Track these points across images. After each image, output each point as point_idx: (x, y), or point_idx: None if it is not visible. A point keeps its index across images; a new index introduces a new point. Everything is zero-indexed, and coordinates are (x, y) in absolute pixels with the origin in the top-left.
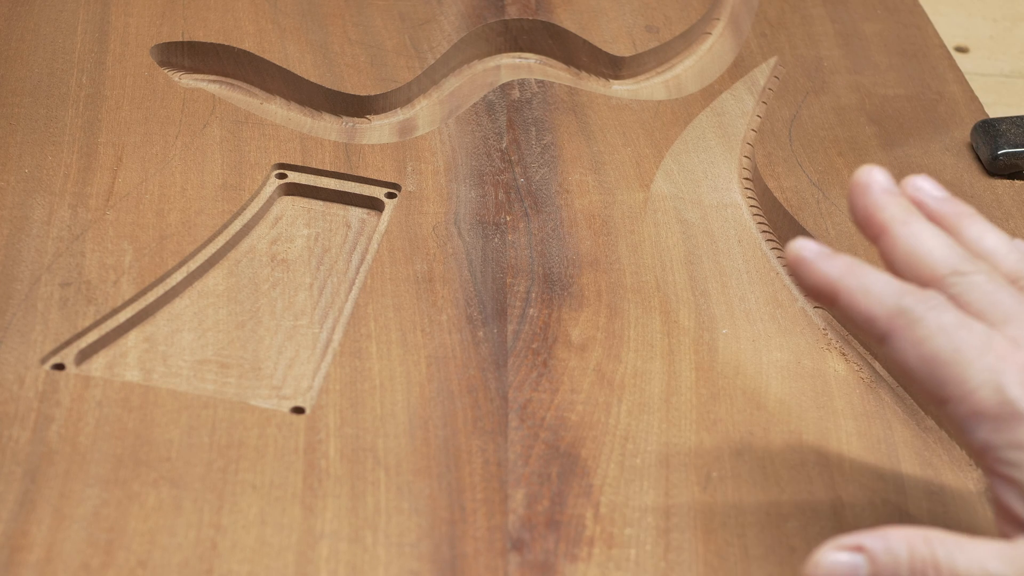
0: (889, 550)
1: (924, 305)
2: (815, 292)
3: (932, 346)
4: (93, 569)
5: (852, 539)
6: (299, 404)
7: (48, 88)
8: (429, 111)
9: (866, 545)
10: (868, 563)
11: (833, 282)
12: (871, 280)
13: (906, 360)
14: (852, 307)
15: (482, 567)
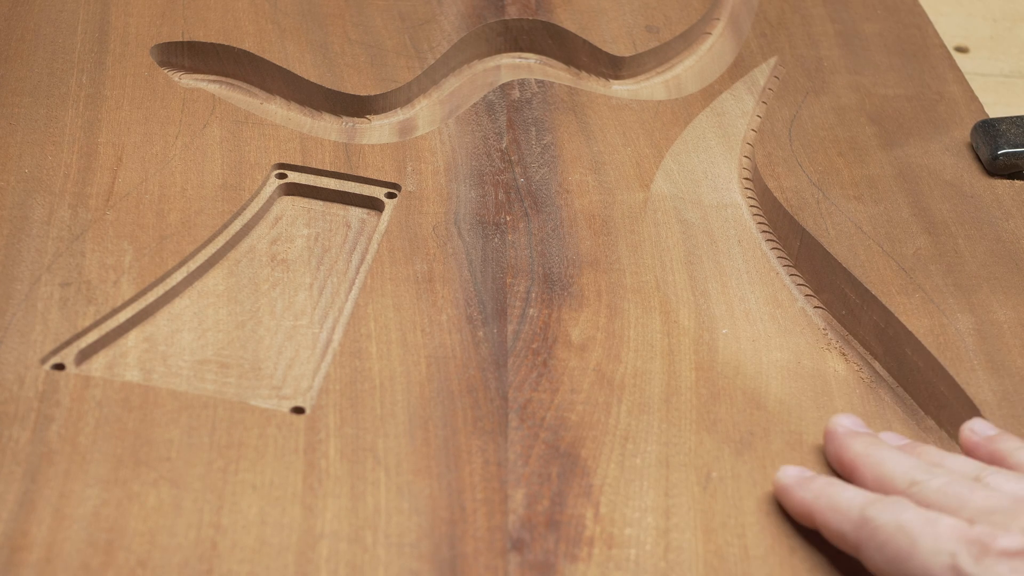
0: None
1: (884, 511)
2: (796, 515)
3: (893, 546)
4: (93, 569)
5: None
6: (299, 404)
7: (48, 88)
8: (429, 111)
9: None
10: None
11: (808, 505)
12: (839, 498)
13: (877, 567)
14: (825, 527)
15: (482, 567)
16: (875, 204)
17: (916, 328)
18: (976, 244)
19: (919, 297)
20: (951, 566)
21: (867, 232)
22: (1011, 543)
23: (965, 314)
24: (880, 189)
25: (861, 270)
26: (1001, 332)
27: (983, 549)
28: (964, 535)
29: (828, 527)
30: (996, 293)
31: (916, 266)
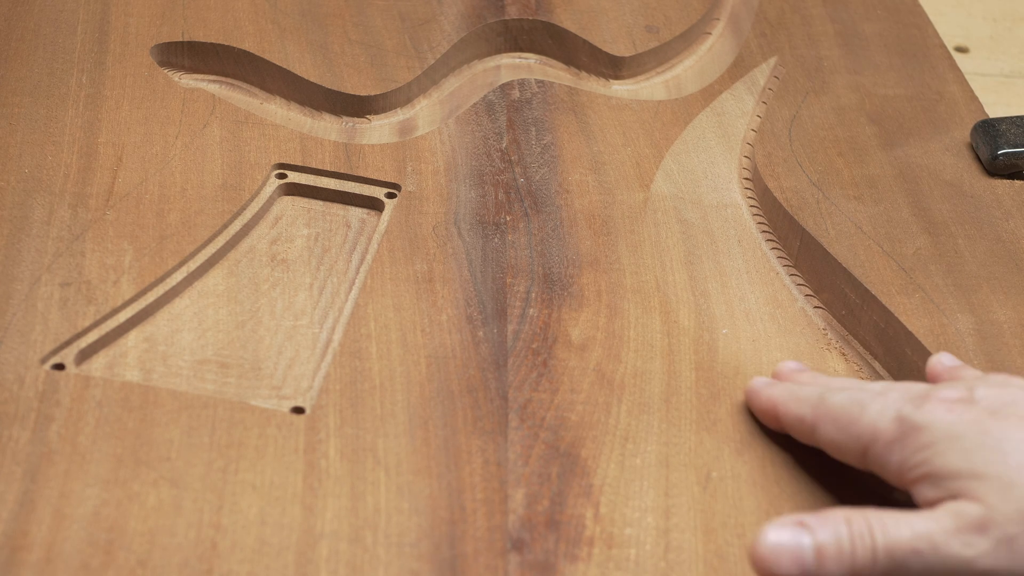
0: (828, 522)
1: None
2: (762, 412)
3: (845, 416)
4: (93, 569)
5: (793, 517)
6: (299, 404)
7: (48, 88)
8: (429, 111)
9: (808, 522)
10: (810, 535)
11: (774, 399)
12: (801, 391)
13: (831, 437)
14: (787, 415)
15: (482, 567)
16: (875, 204)
17: (916, 328)
18: (976, 244)
19: (919, 297)
20: (895, 417)
21: (867, 232)
22: (952, 394)
23: (965, 314)
24: (880, 189)
25: (861, 270)
26: (1001, 332)
27: (925, 399)
28: (908, 395)
29: (789, 414)
30: (996, 293)
31: (916, 266)
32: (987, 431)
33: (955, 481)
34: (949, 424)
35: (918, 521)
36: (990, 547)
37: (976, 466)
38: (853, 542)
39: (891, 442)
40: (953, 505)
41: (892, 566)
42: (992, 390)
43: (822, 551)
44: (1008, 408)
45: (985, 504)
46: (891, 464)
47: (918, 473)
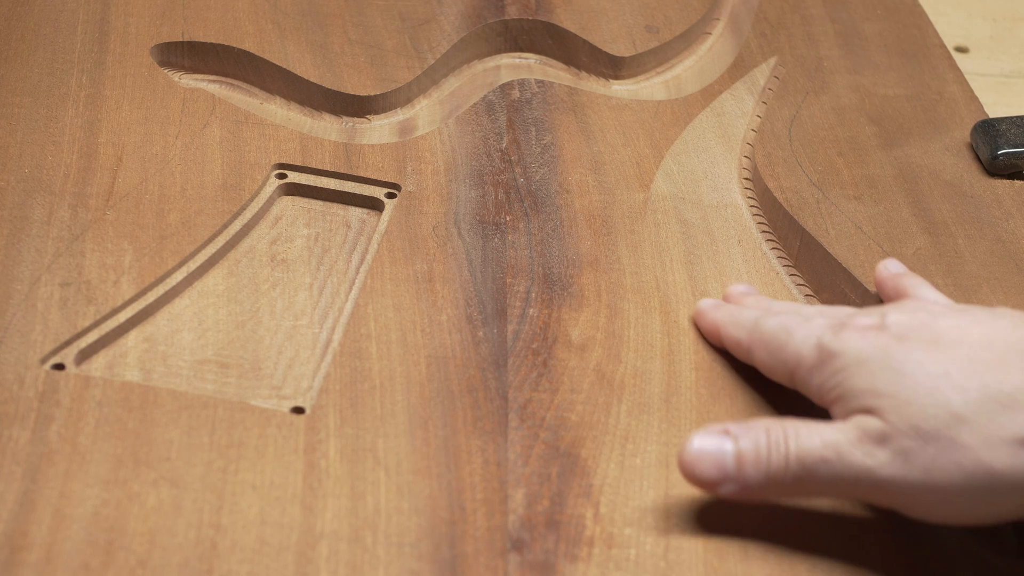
0: (750, 431)
1: (773, 318)
2: (707, 334)
3: (775, 341)
4: (93, 569)
5: (718, 425)
6: (299, 404)
7: (48, 88)
8: (429, 111)
9: (732, 430)
10: (733, 441)
11: (716, 322)
12: (740, 315)
13: (763, 360)
14: (727, 337)
15: (482, 567)
16: (875, 204)
17: None
18: (976, 244)
19: None
20: (816, 345)
21: (867, 232)
22: (866, 321)
23: None
24: (880, 189)
25: (861, 270)
26: None
27: (842, 327)
28: (830, 323)
29: (729, 337)
30: (996, 293)
31: (916, 266)
32: (891, 355)
33: (861, 399)
34: (859, 349)
35: (828, 432)
36: (888, 458)
37: (878, 386)
38: (770, 449)
39: (811, 368)
40: (859, 419)
41: (803, 472)
42: (903, 315)
43: (742, 457)
44: (914, 333)
45: (885, 420)
46: (812, 387)
47: (833, 395)
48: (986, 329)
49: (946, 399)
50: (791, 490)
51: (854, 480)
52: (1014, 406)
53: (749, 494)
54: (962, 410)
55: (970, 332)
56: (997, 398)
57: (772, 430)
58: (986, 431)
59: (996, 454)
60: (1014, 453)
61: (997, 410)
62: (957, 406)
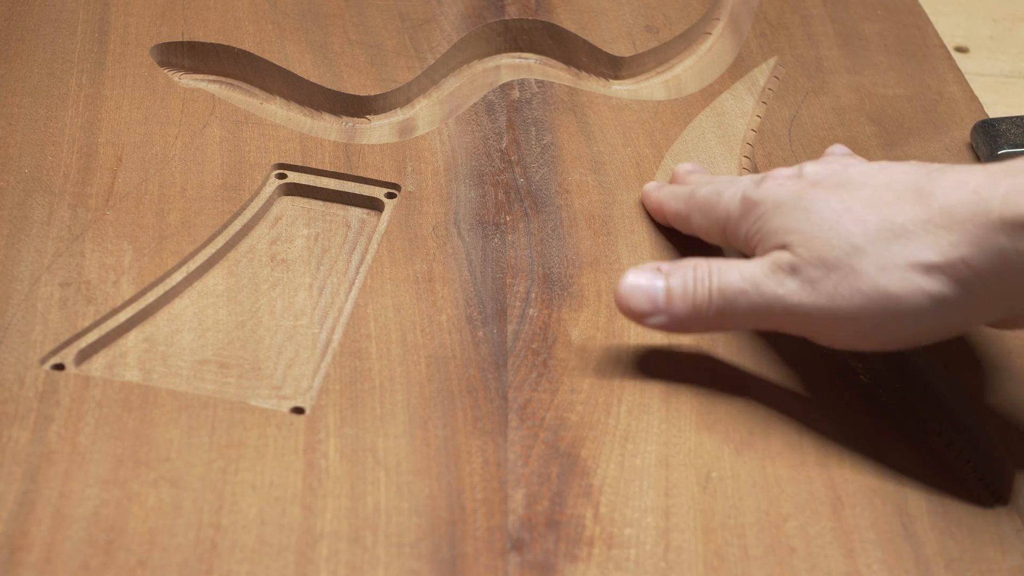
0: (679, 270)
1: (706, 185)
2: (652, 212)
3: (707, 203)
4: (93, 569)
5: (652, 264)
6: (299, 404)
7: (48, 88)
8: (429, 111)
9: (664, 268)
10: (664, 277)
11: (659, 199)
12: (679, 189)
13: (699, 223)
14: (669, 211)
15: (482, 567)
16: None
17: None
18: None
19: None
20: (741, 198)
21: None
22: (785, 172)
23: None
24: None
25: None
26: (1001, 333)
27: (763, 180)
28: (753, 179)
29: (670, 210)
30: None
31: None
32: (803, 197)
33: (776, 237)
34: (777, 196)
35: (746, 266)
36: (797, 286)
37: (789, 224)
38: (696, 284)
39: (739, 219)
40: (773, 254)
41: (724, 304)
42: (818, 167)
43: (671, 292)
44: (826, 179)
45: (795, 253)
46: (740, 237)
47: (756, 240)
48: (890, 173)
49: (847, 231)
50: (715, 322)
51: (768, 308)
52: (906, 235)
53: (677, 326)
54: (860, 241)
55: (875, 176)
56: (892, 229)
57: (699, 267)
58: (882, 259)
59: (891, 279)
60: (907, 277)
61: (891, 239)
62: (856, 237)
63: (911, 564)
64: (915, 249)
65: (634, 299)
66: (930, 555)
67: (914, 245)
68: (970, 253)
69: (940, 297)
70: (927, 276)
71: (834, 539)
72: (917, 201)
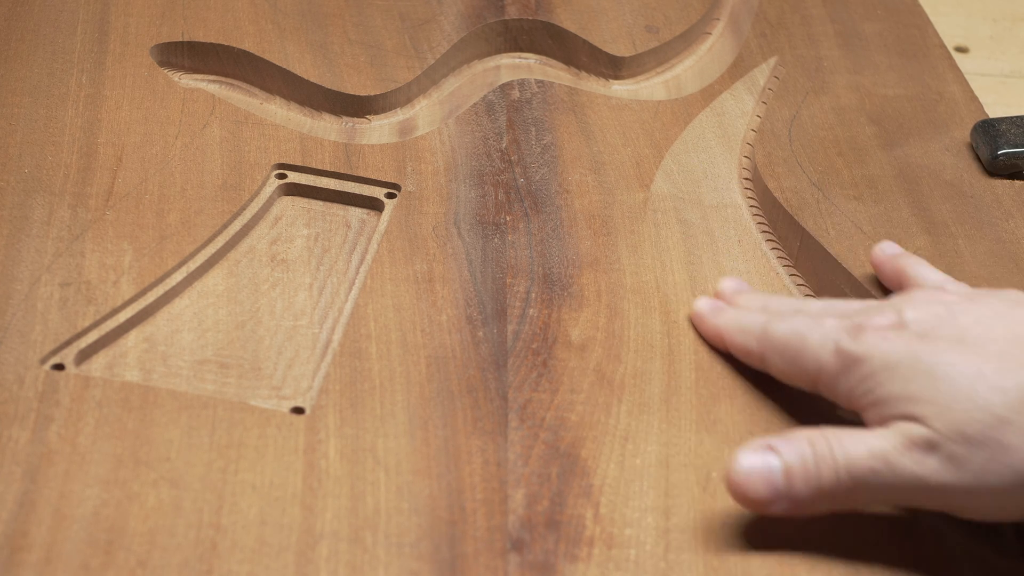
0: (793, 445)
1: (781, 322)
2: (710, 339)
3: (791, 349)
4: (93, 569)
5: (760, 441)
6: (299, 404)
7: (48, 88)
8: (429, 111)
9: (774, 444)
10: (779, 458)
11: (719, 329)
12: (745, 320)
13: (780, 369)
14: (734, 346)
15: (482, 567)
16: (875, 204)
17: None
18: (976, 244)
19: None
20: (834, 351)
21: (867, 232)
22: (882, 321)
23: None
24: (880, 189)
25: (861, 270)
26: None
27: (859, 329)
28: (844, 325)
29: (736, 345)
30: None
31: None
32: (920, 357)
33: (899, 406)
34: (884, 353)
35: (872, 439)
36: (938, 465)
37: (914, 392)
38: (818, 462)
39: (836, 374)
40: (902, 426)
41: (854, 484)
42: (919, 311)
43: (790, 472)
44: (935, 331)
45: (929, 426)
46: (840, 393)
47: (865, 401)
48: (1009, 323)
49: (986, 402)
50: (841, 502)
51: (905, 488)
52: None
53: (799, 510)
54: (1004, 412)
55: (993, 328)
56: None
57: (816, 441)
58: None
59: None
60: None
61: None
62: (998, 408)
63: (911, 564)
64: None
65: (752, 486)
66: (930, 554)
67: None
68: None
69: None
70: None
71: (834, 539)
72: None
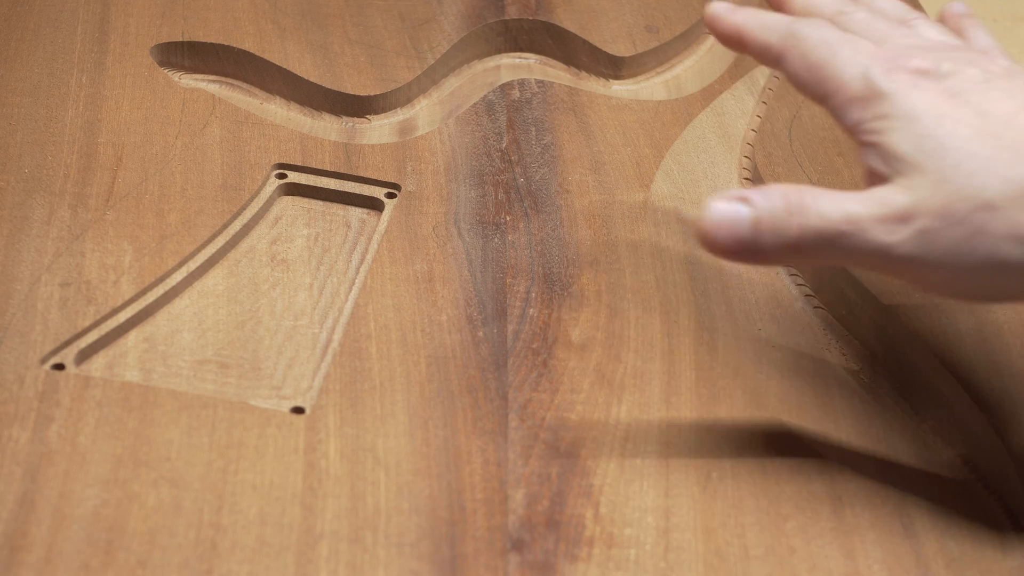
0: (767, 197)
1: (809, 26)
2: (726, 39)
3: (815, 55)
4: (93, 569)
5: (735, 191)
6: (299, 404)
7: (48, 88)
8: (429, 111)
9: (748, 195)
10: (750, 208)
11: (739, 25)
12: (768, 17)
13: (797, 72)
14: (753, 43)
15: (482, 567)
16: None
17: (916, 328)
18: None
19: (919, 297)
20: (862, 75)
21: None
22: (921, 63)
23: (965, 314)
24: None
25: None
26: (1001, 332)
27: (894, 65)
28: (880, 53)
29: (755, 41)
30: None
31: None
32: (942, 119)
33: (898, 162)
34: (910, 100)
35: (849, 203)
36: (909, 236)
37: (919, 156)
38: (788, 216)
39: (852, 100)
40: (884, 192)
41: (822, 243)
42: (957, 67)
43: (758, 223)
44: (967, 95)
45: (915, 195)
46: (847, 119)
47: (870, 139)
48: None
49: (984, 184)
50: (807, 258)
51: (870, 254)
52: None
53: (765, 260)
54: (997, 199)
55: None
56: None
57: (791, 196)
58: (1011, 223)
59: (1012, 248)
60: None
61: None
62: (993, 194)
63: (911, 564)
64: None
65: (718, 233)
66: (930, 555)
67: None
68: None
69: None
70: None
71: (834, 539)
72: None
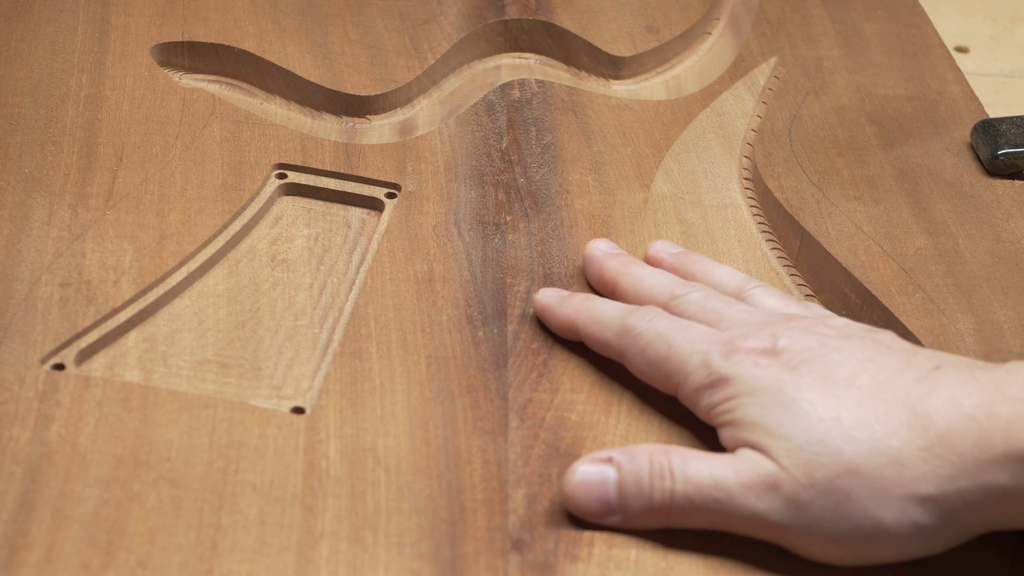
0: (633, 460)
1: (643, 320)
2: (560, 330)
3: (652, 351)
4: (93, 569)
5: (602, 453)
6: (299, 404)
7: (48, 88)
8: (429, 111)
9: (614, 457)
10: (615, 471)
11: (571, 319)
12: (600, 310)
13: (640, 369)
14: (589, 337)
15: (482, 567)
16: (875, 204)
17: (916, 328)
18: (976, 244)
19: (919, 297)
20: (703, 363)
21: (867, 232)
22: (757, 343)
23: (965, 314)
24: (880, 189)
25: (861, 270)
26: (1001, 332)
27: (732, 348)
28: (715, 337)
29: (592, 337)
30: (996, 293)
31: (916, 266)
32: (784, 389)
33: (753, 433)
34: (754, 380)
35: (719, 467)
36: (780, 505)
37: (770, 424)
38: (652, 481)
39: (700, 387)
40: (751, 456)
41: (691, 508)
42: (794, 341)
43: (623, 486)
44: (806, 364)
45: (779, 464)
46: (700, 406)
47: (724, 419)
48: (875, 372)
49: (838, 448)
50: (676, 521)
51: (743, 520)
52: (902, 462)
53: (633, 524)
54: (853, 461)
55: (860, 376)
56: (886, 453)
57: (655, 459)
58: (876, 485)
59: (884, 509)
60: (901, 508)
61: (886, 464)
62: (848, 456)
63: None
64: (911, 480)
65: (583, 498)
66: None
67: (910, 475)
68: (968, 487)
69: (928, 527)
70: (921, 507)
71: None
72: (912, 424)
